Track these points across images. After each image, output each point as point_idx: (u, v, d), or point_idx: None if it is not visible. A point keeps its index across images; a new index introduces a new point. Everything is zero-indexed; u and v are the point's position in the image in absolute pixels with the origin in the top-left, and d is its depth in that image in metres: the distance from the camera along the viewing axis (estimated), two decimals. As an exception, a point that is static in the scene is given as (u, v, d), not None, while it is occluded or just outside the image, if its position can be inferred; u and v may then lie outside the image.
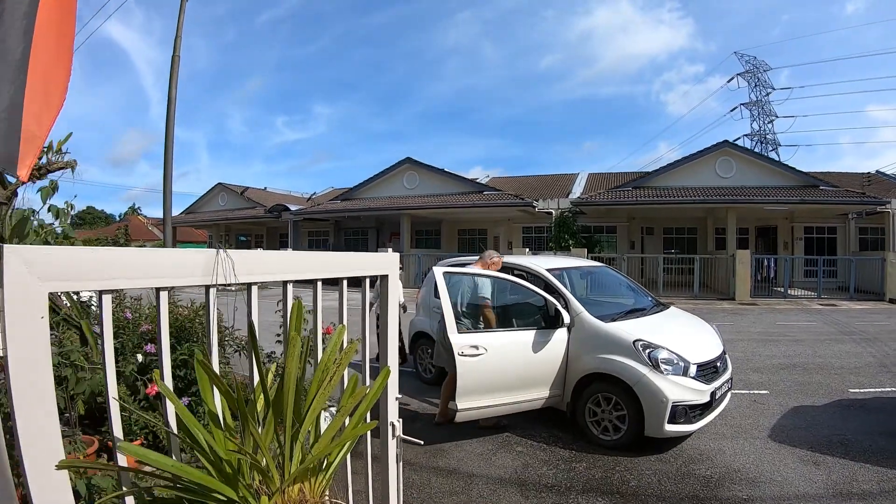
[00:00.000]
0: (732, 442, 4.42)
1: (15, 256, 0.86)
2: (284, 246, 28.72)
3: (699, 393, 4.10)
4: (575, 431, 4.53)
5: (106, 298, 1.05)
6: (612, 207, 20.06)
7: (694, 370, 4.15)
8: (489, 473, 3.85)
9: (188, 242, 40.74)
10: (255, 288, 1.27)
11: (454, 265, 6.01)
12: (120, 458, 1.14)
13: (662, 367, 4.05)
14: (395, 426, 1.91)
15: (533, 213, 21.41)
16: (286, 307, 1.29)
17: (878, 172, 23.66)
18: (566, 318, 4.47)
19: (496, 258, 4.96)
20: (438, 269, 4.47)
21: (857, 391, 5.95)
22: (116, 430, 1.14)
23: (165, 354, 1.14)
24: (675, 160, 20.78)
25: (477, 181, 24.39)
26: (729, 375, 4.64)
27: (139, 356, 3.95)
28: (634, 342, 4.18)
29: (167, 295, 1.12)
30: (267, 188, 35.21)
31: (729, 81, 49.72)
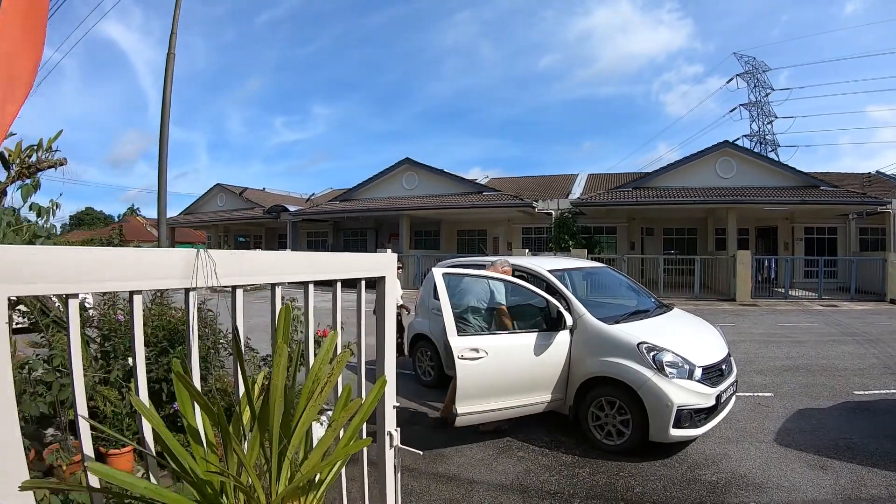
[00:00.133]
0: (738, 446, 4.34)
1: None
2: (283, 247, 28.64)
3: (704, 396, 4.02)
4: (577, 436, 4.44)
5: (73, 303, 0.95)
6: (612, 208, 19.96)
7: (699, 373, 4.06)
8: (490, 480, 3.76)
9: (187, 243, 40.63)
10: (240, 292, 1.18)
11: (455, 266, 5.92)
12: (93, 476, 1.04)
13: (667, 370, 3.96)
14: (392, 435, 1.82)
15: (532, 213, 21.33)
16: (274, 311, 1.20)
17: (878, 173, 23.61)
18: (568, 320, 4.38)
19: (507, 267, 4.90)
20: (438, 270, 4.38)
21: (861, 393, 5.88)
22: (87, 447, 1.05)
23: (140, 365, 1.04)
24: (675, 160, 20.74)
25: (476, 182, 24.30)
26: (734, 378, 4.55)
27: (131, 360, 3.86)
28: (638, 345, 4.08)
29: (141, 299, 1.02)
30: (266, 189, 35.12)
31: (728, 82, 49.75)
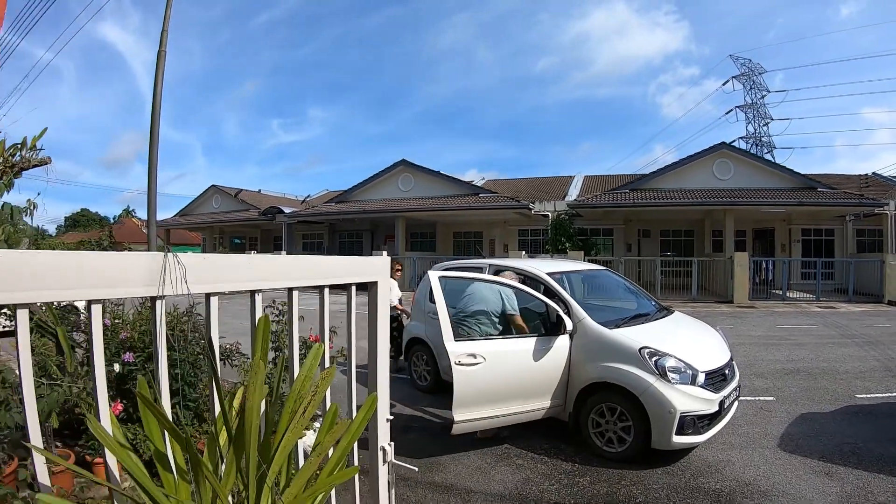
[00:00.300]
0: (741, 452, 4.24)
1: None
2: (279, 249, 28.47)
3: (708, 402, 3.92)
4: (577, 443, 4.33)
5: (21, 314, 0.84)
6: (609, 210, 19.89)
7: (702, 378, 3.97)
8: (488, 489, 3.64)
9: (182, 245, 40.39)
10: (215, 300, 1.07)
11: (452, 268, 5.82)
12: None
13: (670, 375, 3.86)
14: (386, 450, 1.71)
15: (529, 215, 21.24)
16: (253, 321, 1.09)
17: (874, 174, 23.61)
18: (568, 324, 4.27)
19: (514, 279, 4.87)
20: (434, 273, 4.27)
21: (864, 397, 5.81)
22: (41, 475, 0.93)
23: (101, 384, 0.93)
24: (672, 162, 20.63)
25: (472, 183, 24.21)
26: (737, 383, 4.46)
27: (116, 366, 3.73)
28: (640, 350, 3.98)
29: (101, 309, 0.91)
30: (261, 190, 34.93)
31: (724, 84, 49.85)
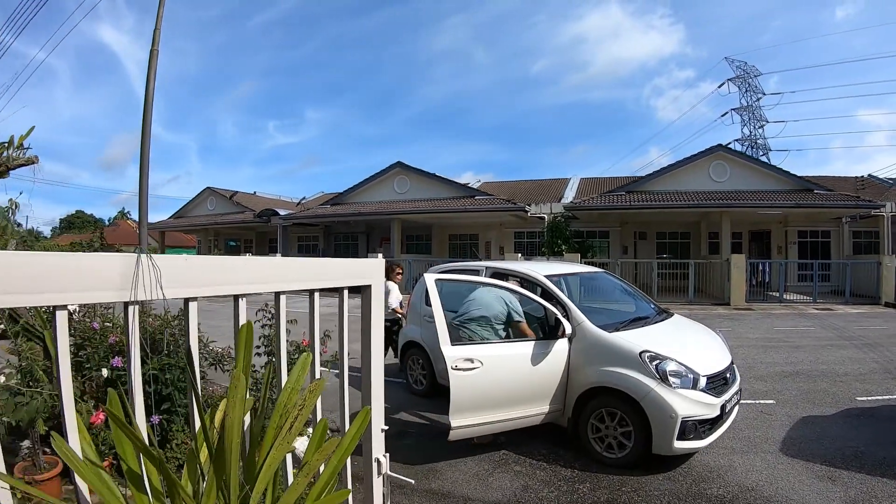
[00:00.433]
0: (743, 457, 4.18)
1: None
2: (274, 251, 28.31)
3: (709, 407, 3.85)
4: (576, 449, 4.25)
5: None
6: (605, 212, 19.85)
7: (703, 382, 3.90)
8: (486, 497, 3.56)
9: (177, 248, 40.16)
10: (194, 305, 0.99)
11: (448, 271, 5.74)
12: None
13: (671, 379, 3.78)
14: (381, 462, 1.63)
15: (525, 217, 21.18)
16: (237, 329, 1.01)
17: (870, 176, 23.72)
18: (567, 328, 4.20)
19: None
20: (430, 275, 4.19)
21: (864, 399, 5.76)
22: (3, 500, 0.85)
23: (67, 396, 0.85)
24: (668, 164, 20.58)
25: (468, 185, 24.12)
26: (738, 387, 4.39)
27: (104, 370, 3.63)
28: (641, 353, 3.91)
29: (66, 315, 0.83)
30: (256, 192, 34.73)
31: (720, 87, 50.05)
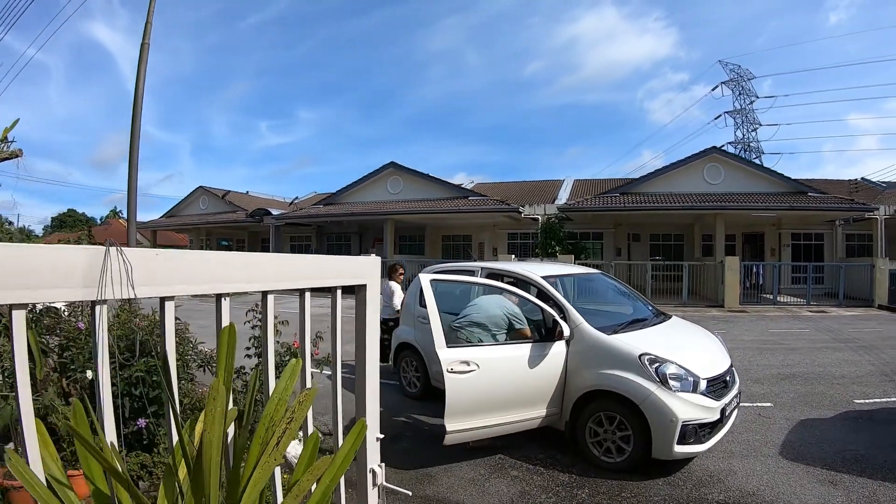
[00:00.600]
0: (743, 461, 4.12)
1: None
2: (266, 251, 28.06)
3: (710, 410, 3.78)
4: (574, 453, 4.17)
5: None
6: (598, 213, 19.84)
7: (704, 386, 3.83)
8: (482, 503, 3.47)
9: (169, 247, 39.76)
10: (171, 304, 0.90)
11: (444, 272, 5.66)
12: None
13: (671, 383, 3.71)
14: (376, 473, 1.54)
15: (519, 218, 21.13)
16: (219, 329, 0.91)
17: (863, 179, 23.91)
18: (565, 330, 4.12)
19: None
20: (425, 276, 4.10)
21: (863, 402, 5.73)
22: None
23: (26, 407, 0.75)
24: (662, 166, 20.61)
25: (462, 186, 24.06)
26: (738, 390, 4.34)
27: (89, 373, 3.53)
28: (640, 356, 3.83)
29: (24, 315, 0.73)
30: (249, 192, 34.49)
31: (713, 90, 50.28)
